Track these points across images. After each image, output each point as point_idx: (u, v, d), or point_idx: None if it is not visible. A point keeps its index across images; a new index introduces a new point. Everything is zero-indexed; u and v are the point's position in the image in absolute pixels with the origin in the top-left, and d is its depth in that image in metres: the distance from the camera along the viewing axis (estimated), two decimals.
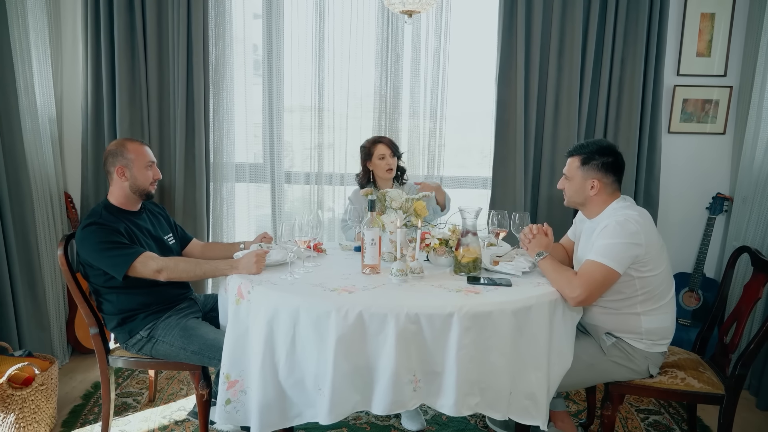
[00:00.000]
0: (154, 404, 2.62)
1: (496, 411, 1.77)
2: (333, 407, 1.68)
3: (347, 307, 1.67)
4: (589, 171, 1.96)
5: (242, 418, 1.87)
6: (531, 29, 3.06)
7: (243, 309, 1.87)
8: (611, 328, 1.97)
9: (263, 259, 2.02)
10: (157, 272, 2.03)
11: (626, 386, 1.99)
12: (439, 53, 3.17)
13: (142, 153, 2.19)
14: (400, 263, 1.93)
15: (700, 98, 3.20)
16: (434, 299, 1.75)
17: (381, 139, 2.85)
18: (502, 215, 2.25)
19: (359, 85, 3.26)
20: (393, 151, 2.81)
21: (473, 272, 2.02)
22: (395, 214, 2.21)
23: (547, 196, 3.21)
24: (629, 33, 3.06)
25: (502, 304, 1.73)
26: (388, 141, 2.84)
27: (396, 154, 2.84)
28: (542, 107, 3.16)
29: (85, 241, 2.04)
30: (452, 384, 1.69)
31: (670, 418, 2.59)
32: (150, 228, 2.26)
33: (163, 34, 3.10)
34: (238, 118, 3.31)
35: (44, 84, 2.94)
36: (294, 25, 3.22)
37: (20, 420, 2.22)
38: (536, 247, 2.02)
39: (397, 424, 2.46)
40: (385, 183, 2.86)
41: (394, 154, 2.81)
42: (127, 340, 2.15)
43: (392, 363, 1.66)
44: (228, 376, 1.87)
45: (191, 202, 3.21)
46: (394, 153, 2.82)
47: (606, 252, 1.82)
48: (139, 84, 3.10)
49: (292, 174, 3.39)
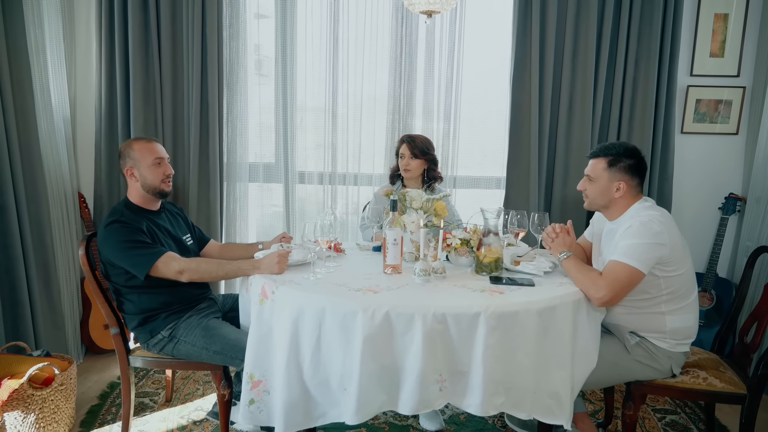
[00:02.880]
0: (171, 404, 2.62)
1: (520, 410, 1.78)
2: (360, 407, 1.68)
3: (374, 307, 1.67)
4: (616, 173, 1.96)
5: (266, 419, 1.87)
6: (545, 30, 3.07)
7: (267, 309, 1.87)
8: (635, 328, 1.97)
9: (286, 259, 2.02)
10: (179, 273, 2.03)
11: (648, 386, 2.00)
12: (453, 54, 3.18)
13: (147, 151, 2.17)
14: (423, 263, 1.93)
15: (713, 98, 3.21)
16: (460, 299, 1.75)
17: (404, 138, 2.82)
18: (521, 215, 2.25)
19: (373, 85, 3.27)
20: (412, 152, 2.76)
21: (495, 272, 2.02)
22: (416, 214, 2.21)
23: (561, 197, 3.22)
24: (643, 33, 3.06)
25: (527, 303, 1.74)
26: (409, 141, 2.78)
27: (423, 156, 2.77)
28: (556, 108, 3.16)
29: (108, 239, 2.04)
30: (478, 384, 1.69)
31: (686, 418, 2.59)
32: (169, 228, 2.27)
33: (178, 34, 3.10)
34: (251, 118, 3.31)
35: (59, 84, 2.95)
36: (308, 26, 3.22)
37: (40, 420, 2.22)
38: (559, 246, 2.02)
39: (416, 423, 2.46)
40: (410, 182, 2.84)
41: (413, 155, 2.76)
42: (148, 340, 2.15)
43: (419, 363, 1.66)
44: (252, 376, 1.87)
45: (205, 201, 3.21)
46: (414, 154, 2.76)
47: (630, 252, 1.82)
48: (153, 84, 3.10)
49: (305, 174, 3.39)
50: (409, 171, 2.78)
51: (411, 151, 2.77)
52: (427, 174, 2.84)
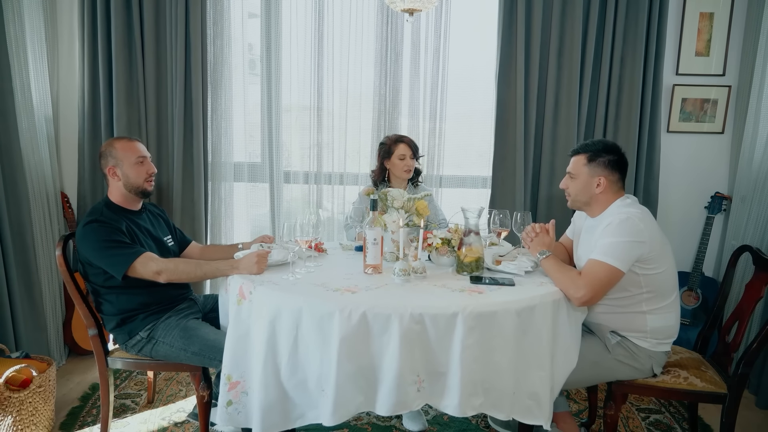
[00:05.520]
0: (152, 406, 2.60)
1: (499, 411, 1.77)
2: (337, 408, 1.67)
3: (351, 308, 1.66)
4: (595, 168, 1.96)
5: (244, 420, 1.85)
6: (531, 28, 3.06)
7: (245, 309, 1.85)
8: (616, 327, 1.97)
9: (265, 259, 2.01)
10: (157, 274, 2.01)
11: (629, 385, 1.99)
12: (439, 52, 3.16)
13: (129, 150, 2.15)
14: (403, 263, 1.92)
15: (699, 97, 3.21)
16: (438, 299, 1.74)
17: (403, 138, 2.81)
18: (503, 214, 2.24)
19: (358, 84, 3.25)
20: (414, 152, 2.78)
21: (476, 272, 2.01)
22: (397, 213, 2.19)
23: (547, 196, 3.21)
24: (629, 32, 3.06)
25: (506, 303, 1.73)
26: (409, 141, 2.79)
27: (416, 156, 2.80)
28: (542, 106, 3.15)
29: (86, 238, 2.02)
30: (456, 384, 1.68)
31: (671, 417, 2.59)
32: (150, 228, 2.25)
33: (161, 32, 3.07)
34: (236, 117, 3.29)
35: (40, 83, 2.91)
36: (293, 25, 3.20)
37: (18, 423, 2.19)
38: (538, 246, 2.01)
39: (399, 424, 2.45)
40: (400, 183, 2.83)
41: (414, 155, 2.78)
42: (126, 341, 2.13)
43: (396, 363, 1.65)
44: (229, 377, 1.85)
45: (189, 202, 3.19)
46: (414, 154, 2.78)
47: (609, 251, 1.82)
48: (137, 83, 3.07)
49: (291, 173, 3.37)
50: (410, 171, 2.79)
51: (413, 151, 2.78)
52: (413, 172, 2.85)
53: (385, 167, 2.83)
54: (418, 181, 2.92)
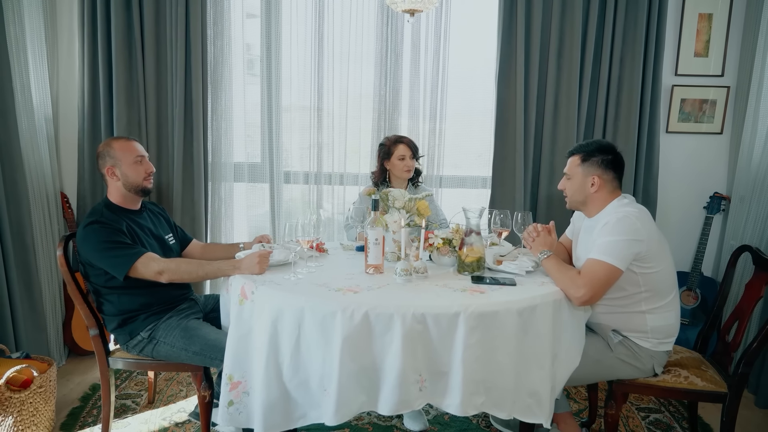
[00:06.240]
0: (153, 406, 2.60)
1: (500, 410, 1.77)
2: (339, 408, 1.67)
3: (353, 308, 1.66)
4: (589, 168, 1.98)
5: (245, 420, 1.85)
6: (531, 29, 3.06)
7: (246, 309, 1.85)
8: (617, 327, 1.97)
9: (266, 259, 2.01)
10: (159, 274, 2.01)
11: (630, 385, 2.00)
12: (439, 53, 3.17)
13: (127, 149, 2.16)
14: (404, 263, 1.92)
15: (698, 98, 3.22)
16: (440, 299, 1.74)
17: (402, 139, 2.81)
18: (504, 214, 2.25)
19: (358, 84, 3.25)
20: (413, 152, 2.79)
21: (477, 272, 2.01)
22: (398, 213, 2.20)
23: (547, 196, 3.22)
24: (628, 33, 3.07)
25: (507, 303, 1.73)
26: (409, 141, 2.80)
27: (415, 156, 2.81)
28: (542, 107, 3.16)
29: (87, 240, 2.02)
30: (458, 383, 1.68)
31: (670, 417, 2.60)
32: (151, 227, 2.25)
33: (161, 32, 3.07)
34: (236, 117, 3.29)
35: (40, 83, 2.92)
36: (293, 25, 3.20)
37: (18, 423, 2.19)
38: (540, 246, 2.02)
39: (400, 424, 2.45)
40: (400, 183, 2.84)
41: (414, 155, 2.79)
42: (127, 342, 2.12)
43: (398, 363, 1.65)
44: (231, 377, 1.85)
45: (189, 202, 3.19)
46: (414, 155, 2.79)
47: (607, 249, 1.83)
48: (137, 83, 3.07)
49: (291, 174, 3.37)
50: (410, 172, 2.80)
51: (412, 152, 2.78)
52: (413, 172, 2.86)
53: (385, 168, 2.84)
54: (419, 181, 2.93)
